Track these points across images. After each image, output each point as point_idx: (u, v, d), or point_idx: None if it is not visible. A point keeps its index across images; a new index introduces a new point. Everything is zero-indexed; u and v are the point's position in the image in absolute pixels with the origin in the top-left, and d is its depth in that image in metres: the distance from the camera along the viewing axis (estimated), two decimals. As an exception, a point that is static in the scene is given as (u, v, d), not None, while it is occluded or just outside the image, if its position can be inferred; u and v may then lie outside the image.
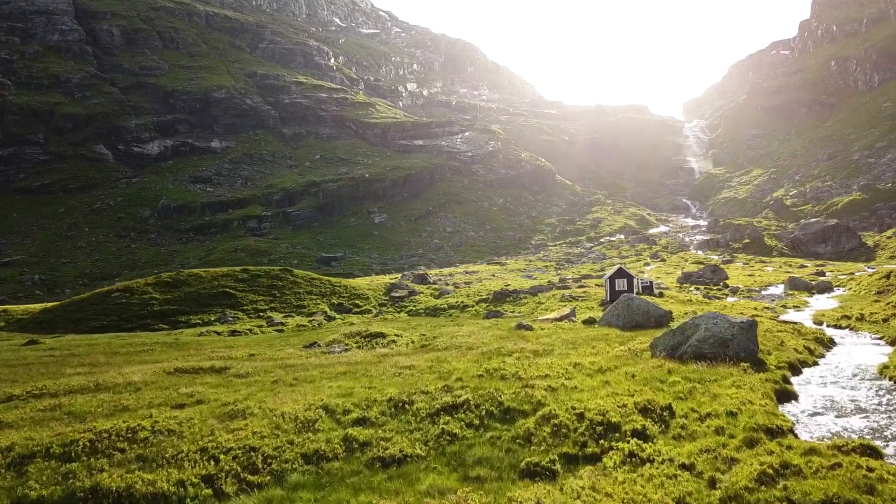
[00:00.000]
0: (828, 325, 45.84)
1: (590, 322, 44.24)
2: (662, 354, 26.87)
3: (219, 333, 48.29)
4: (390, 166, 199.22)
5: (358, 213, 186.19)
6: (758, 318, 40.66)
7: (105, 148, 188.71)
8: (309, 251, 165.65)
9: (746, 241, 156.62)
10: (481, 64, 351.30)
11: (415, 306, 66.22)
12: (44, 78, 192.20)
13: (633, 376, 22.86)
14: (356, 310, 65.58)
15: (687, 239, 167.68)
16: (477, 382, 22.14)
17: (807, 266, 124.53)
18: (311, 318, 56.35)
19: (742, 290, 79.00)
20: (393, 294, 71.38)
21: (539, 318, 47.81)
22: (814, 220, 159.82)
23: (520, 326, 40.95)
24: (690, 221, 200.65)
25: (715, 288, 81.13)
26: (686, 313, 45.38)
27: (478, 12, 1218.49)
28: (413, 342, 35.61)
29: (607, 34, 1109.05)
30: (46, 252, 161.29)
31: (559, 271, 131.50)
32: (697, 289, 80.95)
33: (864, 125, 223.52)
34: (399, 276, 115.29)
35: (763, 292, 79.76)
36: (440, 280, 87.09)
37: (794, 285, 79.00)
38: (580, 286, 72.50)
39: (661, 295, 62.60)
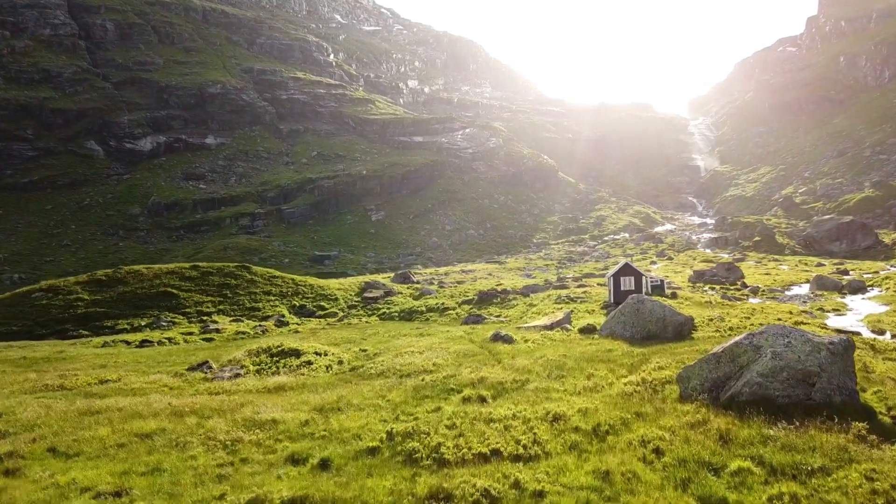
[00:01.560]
0: (894, 335, 35.07)
1: (588, 331, 33.96)
2: (701, 397, 16.47)
3: (128, 343, 38.61)
4: (389, 163, 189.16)
5: (355, 211, 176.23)
6: (803, 325, 30.18)
7: (96, 144, 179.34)
8: (302, 249, 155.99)
9: (757, 238, 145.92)
10: (484, 61, 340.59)
11: (389, 309, 56.21)
12: (34, 72, 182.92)
13: (659, 453, 12.50)
14: (320, 313, 55.57)
15: (694, 237, 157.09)
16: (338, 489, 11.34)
17: (824, 264, 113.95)
18: (259, 324, 46.28)
19: (763, 291, 68.09)
20: (366, 295, 61.24)
21: (526, 324, 37.55)
22: (827, 216, 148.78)
23: (496, 338, 30.74)
24: (697, 220, 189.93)
25: (732, 288, 70.34)
26: (710, 319, 34.94)
27: (481, 10, 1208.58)
28: (343, 362, 25.81)
29: (611, 32, 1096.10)
30: (30, 250, 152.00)
31: (560, 270, 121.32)
32: (713, 288, 70.25)
33: (874, 121, 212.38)
34: (387, 275, 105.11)
35: (787, 293, 68.89)
36: (427, 280, 76.88)
37: (822, 285, 68.10)
38: (580, 285, 62.05)
39: (673, 296, 52.05)
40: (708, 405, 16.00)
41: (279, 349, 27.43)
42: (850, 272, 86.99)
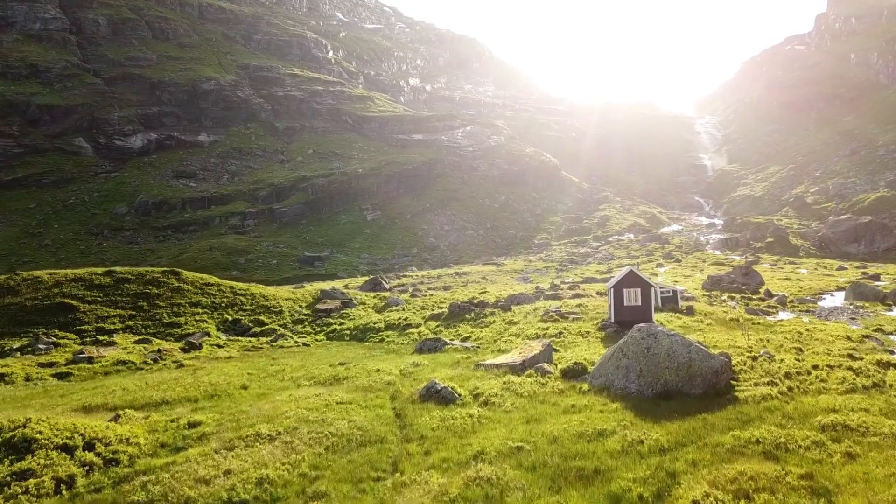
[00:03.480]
0: None
1: (574, 375, 23.03)
2: None
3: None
4: (386, 161, 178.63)
5: (350, 211, 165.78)
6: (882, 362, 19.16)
7: (85, 141, 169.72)
8: (292, 250, 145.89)
9: (769, 240, 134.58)
10: (487, 60, 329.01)
11: (341, 325, 45.82)
12: (22, 67, 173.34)
13: None
14: (256, 329, 45.21)
15: (702, 238, 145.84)
16: None
17: (846, 268, 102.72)
18: (161, 349, 35.47)
19: (792, 301, 56.65)
20: (318, 307, 50.62)
21: (487, 361, 26.27)
22: (844, 217, 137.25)
23: (430, 394, 19.78)
24: (704, 220, 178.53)
25: (755, 298, 58.95)
26: (752, 357, 23.58)
27: (486, 9, 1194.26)
28: (92, 470, 14.39)
29: (617, 30, 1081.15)
30: (9, 250, 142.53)
31: (560, 273, 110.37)
32: (731, 297, 58.93)
33: (887, 119, 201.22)
34: (363, 277, 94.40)
35: (821, 303, 57.59)
36: (401, 288, 65.91)
37: (861, 294, 57.03)
38: (576, 295, 51.07)
39: (689, 311, 41.06)
40: None
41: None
42: (881, 277, 75.45)
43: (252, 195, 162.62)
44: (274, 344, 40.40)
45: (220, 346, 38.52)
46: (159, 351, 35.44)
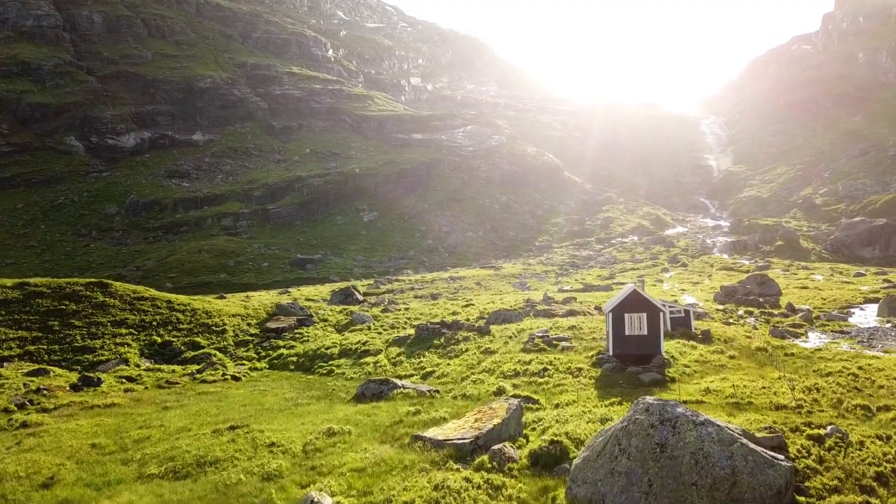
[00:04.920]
0: None
1: (550, 464, 15.50)
2: None
3: None
4: (384, 161, 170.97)
5: (346, 211, 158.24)
6: None
7: (76, 140, 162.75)
8: (285, 252, 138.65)
9: (779, 243, 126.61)
10: (490, 60, 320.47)
11: (290, 349, 38.62)
12: (12, 65, 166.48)
13: None
14: (188, 354, 37.97)
15: (709, 241, 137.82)
16: None
17: (864, 274, 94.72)
18: (34, 391, 27.32)
19: (820, 318, 48.56)
20: (269, 325, 43.04)
21: (430, 434, 18.14)
22: (857, 219, 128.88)
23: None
24: (710, 222, 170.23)
25: (776, 313, 50.94)
26: (798, 410, 15.60)
27: (489, 9, 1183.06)
28: None
29: (621, 29, 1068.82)
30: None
31: (560, 278, 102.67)
32: (749, 312, 50.92)
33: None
34: (341, 284, 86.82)
35: (852, 319, 49.65)
36: (380, 299, 58.15)
37: (896, 309, 49.06)
38: (570, 312, 43.27)
39: (706, 337, 33.08)
40: None
41: None
42: (912, 287, 67.18)
43: (246, 195, 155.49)
44: (198, 376, 33.07)
45: (130, 380, 31.23)
46: (39, 390, 28.00)
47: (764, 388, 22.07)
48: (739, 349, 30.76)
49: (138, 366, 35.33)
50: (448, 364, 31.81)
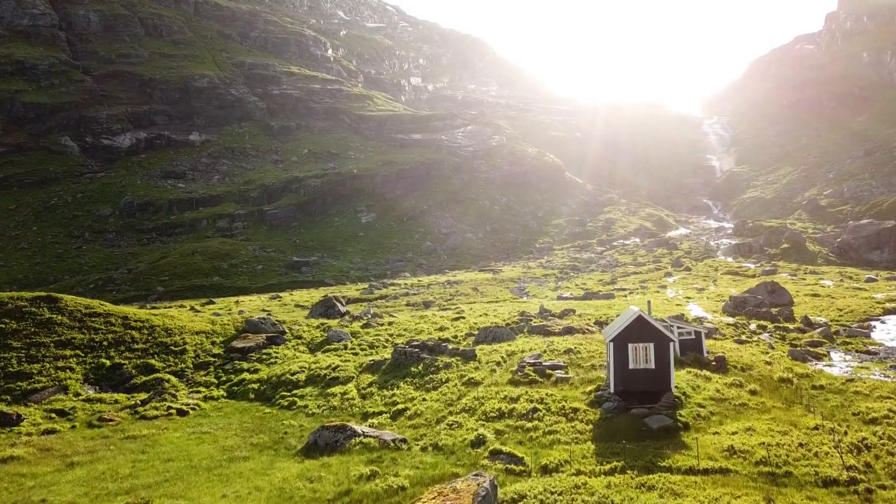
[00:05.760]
0: None
1: None
2: None
3: None
4: (383, 161, 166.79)
5: (343, 213, 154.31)
6: None
7: (71, 140, 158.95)
8: (280, 254, 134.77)
9: (785, 245, 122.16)
10: (491, 60, 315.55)
11: (254, 373, 34.78)
12: (7, 64, 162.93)
13: None
14: (139, 379, 33.70)
15: (713, 243, 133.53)
16: None
17: (875, 279, 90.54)
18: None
19: (841, 335, 43.84)
20: (235, 344, 38.76)
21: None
22: (865, 221, 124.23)
23: None
24: (713, 223, 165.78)
25: (791, 328, 46.75)
26: (854, 491, 10.96)
27: (491, 9, 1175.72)
28: None
29: (622, 29, 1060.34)
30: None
31: (560, 283, 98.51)
32: (762, 327, 46.59)
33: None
34: (326, 289, 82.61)
35: (874, 335, 44.73)
36: (364, 312, 53.98)
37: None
38: (568, 328, 38.96)
39: (720, 364, 28.71)
40: None
41: None
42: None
43: (242, 196, 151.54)
44: (139, 410, 29.00)
45: (61, 414, 27.20)
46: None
47: (801, 445, 17.84)
48: (760, 380, 26.50)
49: (78, 395, 31.22)
50: (424, 399, 27.60)
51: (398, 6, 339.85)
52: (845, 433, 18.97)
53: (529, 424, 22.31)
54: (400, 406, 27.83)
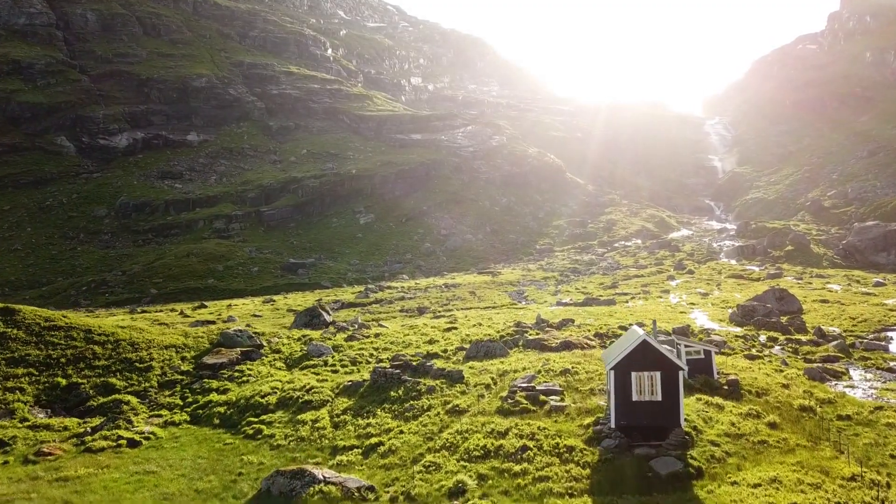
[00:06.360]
0: None
1: None
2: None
3: None
4: (382, 162, 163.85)
5: (342, 213, 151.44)
6: None
7: (67, 140, 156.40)
8: (277, 256, 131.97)
9: (789, 248, 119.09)
10: (492, 60, 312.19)
11: (222, 393, 32.00)
12: (3, 63, 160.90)
13: None
14: (96, 401, 30.74)
15: (715, 245, 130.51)
16: None
17: (884, 283, 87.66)
18: None
19: (854, 345, 40.58)
20: (206, 360, 35.71)
21: None
22: (871, 223, 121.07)
23: None
24: (715, 224, 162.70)
25: (804, 340, 43.88)
26: None
27: (492, 9, 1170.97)
28: None
29: (623, 29, 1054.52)
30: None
31: (560, 286, 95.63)
32: (773, 340, 43.70)
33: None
34: (313, 293, 79.70)
35: (892, 346, 41.60)
36: (350, 322, 51.18)
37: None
38: (565, 343, 36.01)
39: (733, 390, 25.47)
40: None
41: None
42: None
43: (239, 197, 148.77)
44: (87, 439, 26.15)
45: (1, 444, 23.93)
46: None
47: (836, 497, 14.91)
48: (779, 408, 23.53)
49: (25, 420, 28.35)
50: (402, 430, 24.66)
51: (399, 6, 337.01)
52: (888, 485, 16.01)
53: (518, 468, 19.25)
54: (374, 440, 24.83)
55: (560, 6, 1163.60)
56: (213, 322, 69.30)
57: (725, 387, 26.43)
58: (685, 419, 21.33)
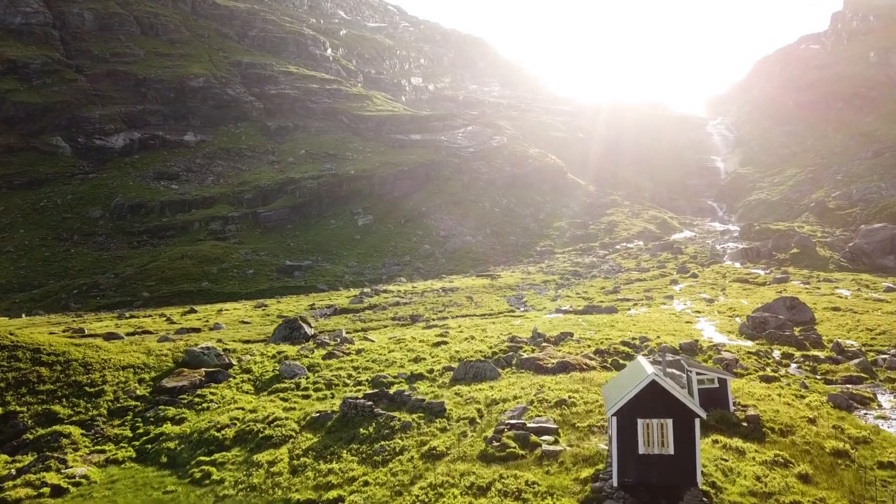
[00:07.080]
0: None
1: None
2: None
3: None
4: (381, 162, 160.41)
5: (340, 215, 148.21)
6: None
7: (63, 140, 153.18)
8: (273, 258, 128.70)
9: (794, 250, 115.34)
10: (493, 60, 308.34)
11: (179, 423, 29.05)
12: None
13: None
14: (33, 433, 26.92)
15: (719, 247, 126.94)
16: None
17: (894, 288, 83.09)
18: None
19: (877, 365, 37.12)
20: (166, 382, 32.13)
21: None
22: (879, 225, 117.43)
23: None
24: (718, 226, 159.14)
25: (822, 356, 40.16)
26: None
27: (493, 9, 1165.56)
28: None
29: (625, 29, 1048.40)
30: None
31: (560, 290, 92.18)
32: (789, 356, 40.19)
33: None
34: (291, 300, 76.14)
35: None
36: (334, 334, 47.69)
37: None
38: (562, 365, 32.33)
39: (754, 428, 21.47)
40: None
41: None
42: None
43: (236, 198, 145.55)
44: (6, 486, 22.55)
45: None
46: None
47: None
48: (808, 452, 20.04)
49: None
50: (367, 480, 21.09)
51: (399, 6, 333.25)
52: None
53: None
54: (333, 493, 21.07)
55: (561, 6, 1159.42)
56: (198, 330, 65.85)
57: (744, 423, 22.76)
58: (702, 472, 17.70)
